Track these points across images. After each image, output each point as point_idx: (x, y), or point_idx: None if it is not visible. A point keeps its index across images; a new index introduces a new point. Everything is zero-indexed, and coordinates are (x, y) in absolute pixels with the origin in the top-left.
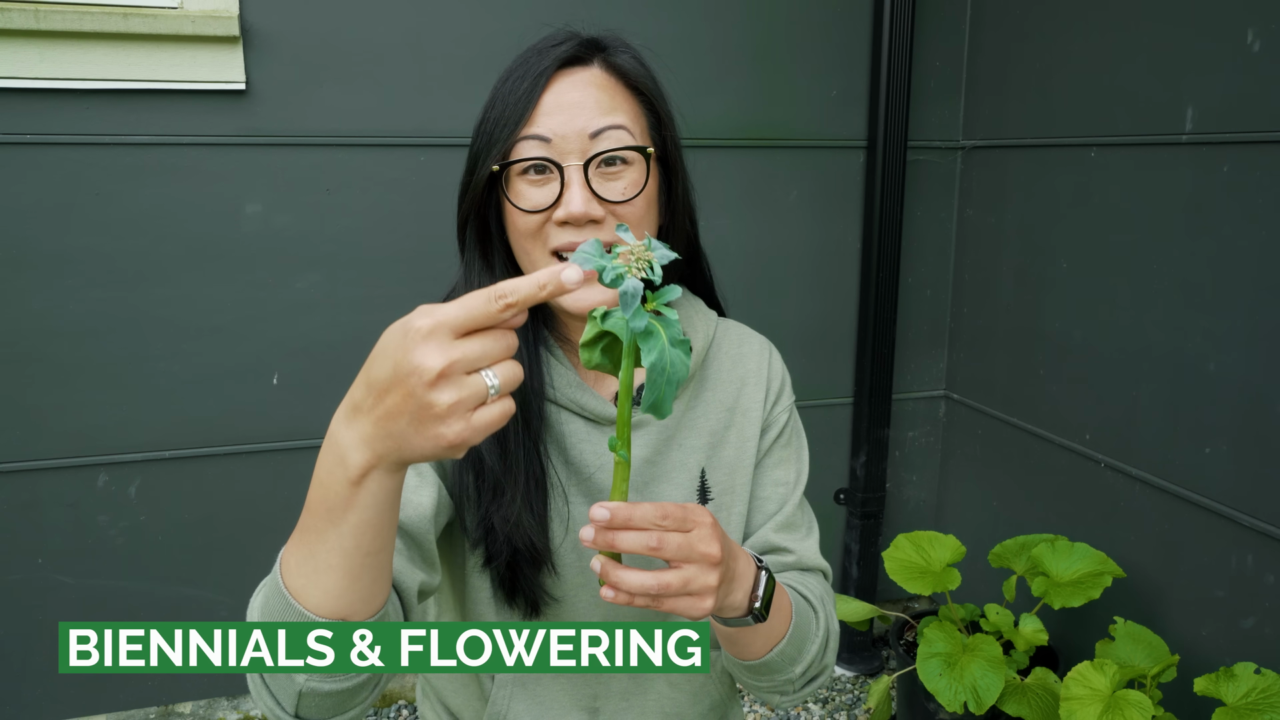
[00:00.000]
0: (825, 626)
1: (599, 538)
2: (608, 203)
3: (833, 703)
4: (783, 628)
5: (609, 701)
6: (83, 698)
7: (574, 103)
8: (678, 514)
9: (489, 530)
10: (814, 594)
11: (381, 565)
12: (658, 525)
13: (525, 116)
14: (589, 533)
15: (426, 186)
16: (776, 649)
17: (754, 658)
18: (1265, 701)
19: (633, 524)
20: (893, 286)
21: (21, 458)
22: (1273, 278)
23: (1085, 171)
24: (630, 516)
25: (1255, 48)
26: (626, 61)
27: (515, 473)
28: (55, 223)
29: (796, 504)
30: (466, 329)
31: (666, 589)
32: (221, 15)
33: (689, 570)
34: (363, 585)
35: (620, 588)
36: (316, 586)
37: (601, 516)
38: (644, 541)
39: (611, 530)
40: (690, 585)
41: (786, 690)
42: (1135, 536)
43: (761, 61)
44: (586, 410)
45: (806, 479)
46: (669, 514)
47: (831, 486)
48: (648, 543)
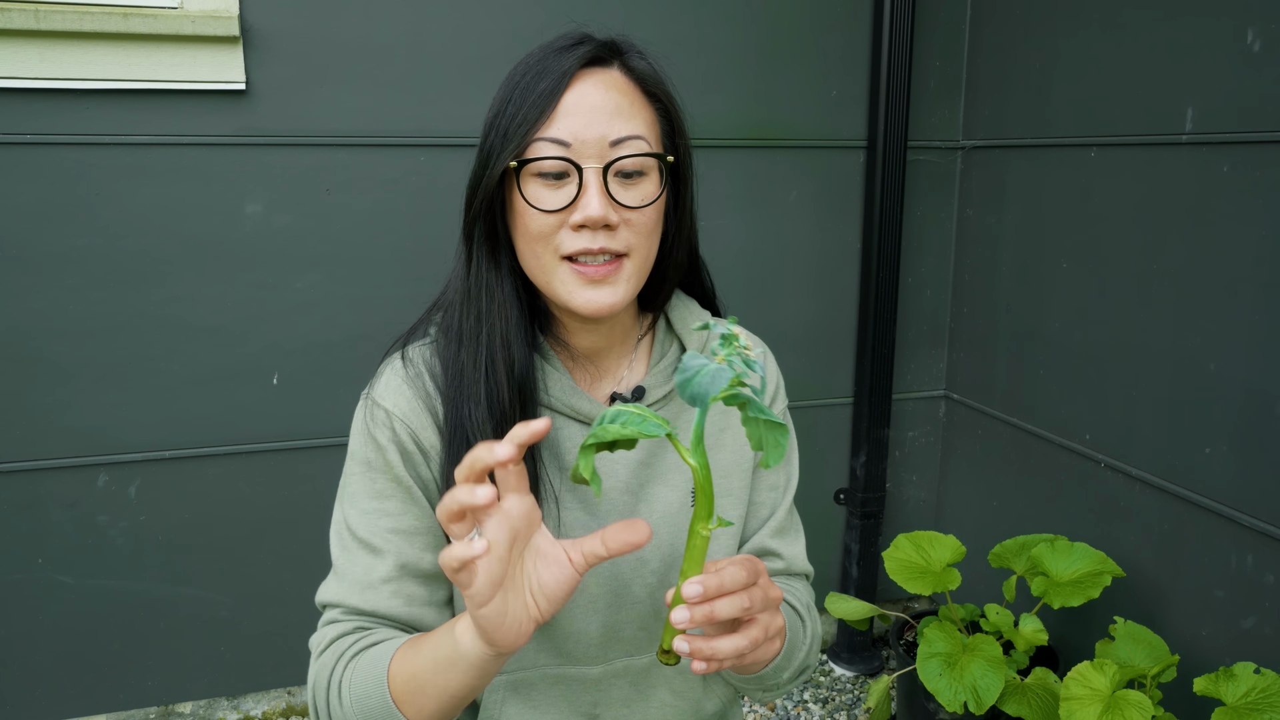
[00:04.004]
0: (811, 632)
1: (696, 614)
2: (624, 209)
3: (833, 703)
4: (777, 644)
5: (609, 709)
6: (83, 698)
7: (595, 106)
8: (750, 568)
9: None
10: (801, 602)
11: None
12: (745, 585)
13: (545, 115)
14: (682, 614)
15: (426, 186)
16: (772, 665)
17: (749, 673)
18: (1265, 701)
19: (724, 590)
20: (893, 286)
21: (21, 458)
22: (1273, 278)
23: (1085, 171)
24: (721, 584)
25: (1255, 48)
26: (644, 67)
27: None
28: (55, 223)
29: (788, 509)
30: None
31: (755, 645)
32: (221, 15)
33: (763, 618)
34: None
35: (716, 658)
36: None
37: (695, 593)
38: (739, 605)
39: (707, 603)
40: (769, 631)
41: (772, 688)
42: (1135, 536)
43: (761, 61)
44: (580, 414)
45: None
46: (750, 572)
47: (831, 486)
48: (742, 605)
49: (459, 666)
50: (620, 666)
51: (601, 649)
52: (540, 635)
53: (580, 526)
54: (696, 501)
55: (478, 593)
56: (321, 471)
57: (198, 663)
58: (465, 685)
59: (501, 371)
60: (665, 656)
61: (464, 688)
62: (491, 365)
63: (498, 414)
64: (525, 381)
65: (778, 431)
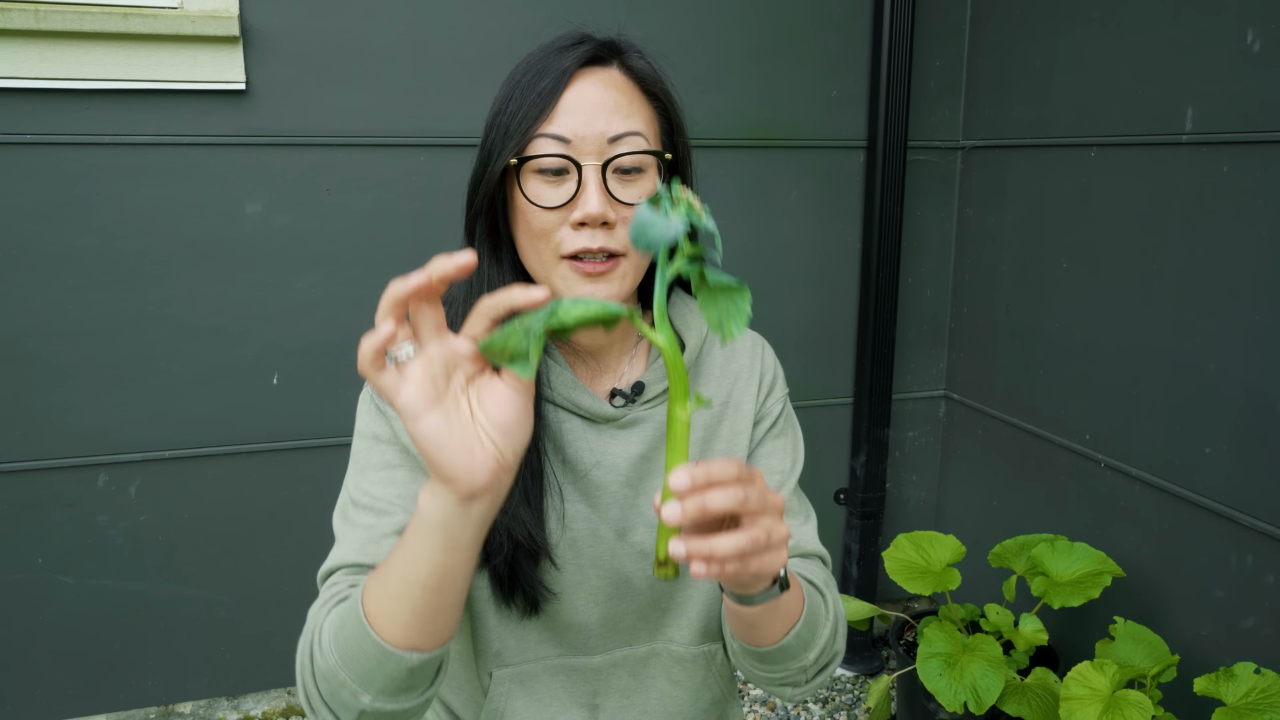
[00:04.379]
0: (834, 611)
1: (688, 505)
2: (622, 205)
3: (833, 703)
4: (798, 607)
5: (609, 699)
6: (83, 698)
7: (594, 103)
8: (744, 467)
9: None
10: (818, 578)
11: (441, 605)
12: (737, 479)
13: (545, 114)
14: (673, 509)
15: (426, 186)
16: (793, 632)
17: (771, 643)
18: (1265, 701)
19: (714, 481)
20: (893, 286)
21: (21, 458)
22: (1273, 278)
23: (1085, 171)
24: (710, 474)
25: (1255, 48)
26: (643, 66)
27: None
28: (55, 223)
29: (791, 491)
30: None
31: (756, 544)
32: (221, 15)
33: (766, 521)
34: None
35: (715, 557)
36: (386, 614)
37: (683, 483)
38: (734, 496)
39: (698, 493)
40: (772, 537)
41: (799, 681)
42: (1135, 536)
43: (761, 61)
44: (582, 409)
45: (801, 469)
46: (740, 465)
47: (831, 486)
48: (736, 497)
49: (423, 534)
50: (620, 656)
51: (601, 639)
52: (542, 627)
53: (582, 519)
54: (670, 383)
55: (408, 402)
56: (321, 471)
57: (198, 663)
58: (432, 561)
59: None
60: (662, 569)
61: (431, 564)
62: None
63: None
64: None
65: (736, 296)
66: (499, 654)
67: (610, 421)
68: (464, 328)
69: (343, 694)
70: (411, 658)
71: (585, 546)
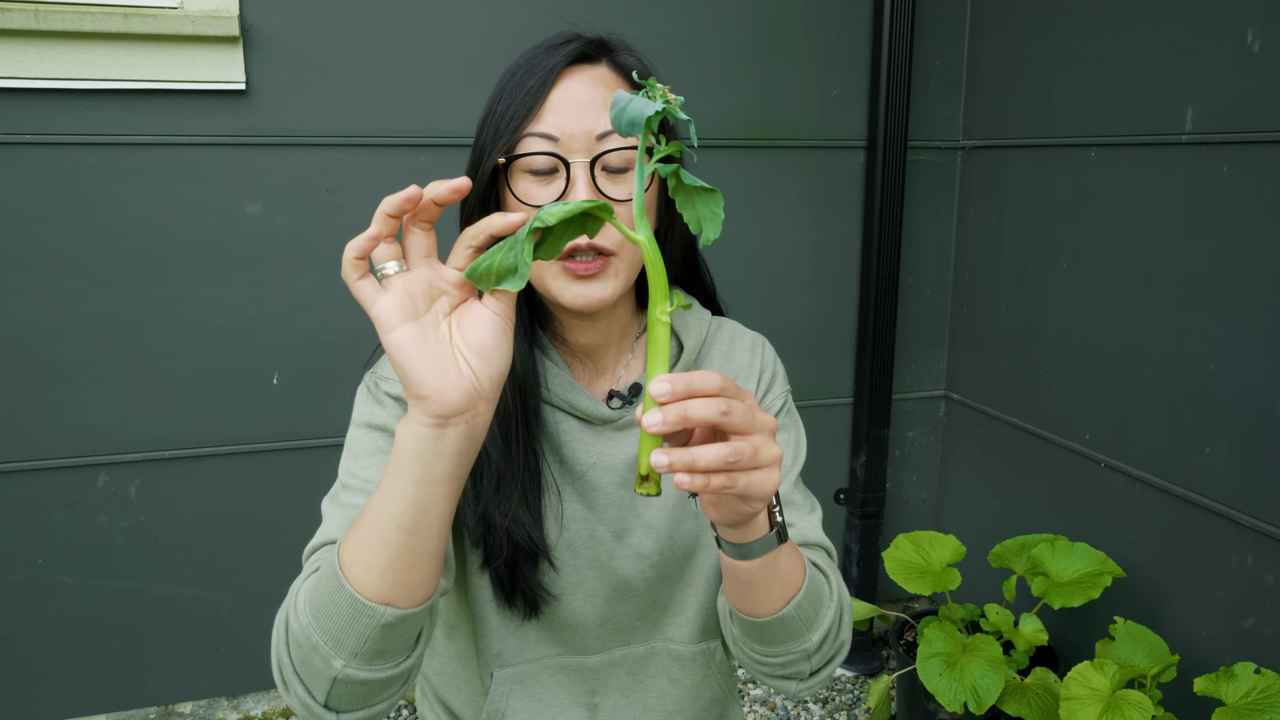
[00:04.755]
0: (839, 595)
1: (669, 412)
2: (611, 201)
3: (833, 703)
4: (799, 575)
5: (608, 698)
6: (83, 698)
7: (581, 101)
8: (730, 381)
9: (489, 527)
10: (822, 563)
11: (417, 552)
12: (720, 390)
13: (532, 112)
14: (655, 415)
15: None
16: (794, 601)
17: (771, 611)
18: (1265, 701)
19: (695, 390)
20: (893, 286)
21: (21, 458)
22: (1273, 278)
23: (1085, 171)
24: (691, 382)
25: (1255, 48)
26: (632, 63)
27: (514, 467)
28: (55, 223)
29: (793, 483)
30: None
31: (741, 456)
32: (221, 15)
33: (756, 438)
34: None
35: (697, 466)
36: (360, 560)
37: (664, 389)
38: (716, 407)
39: (679, 401)
40: (760, 455)
41: (803, 672)
42: (1135, 536)
43: (761, 61)
44: (579, 410)
45: (804, 462)
46: (725, 379)
47: (831, 486)
48: (719, 408)
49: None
50: (618, 655)
51: (600, 639)
52: (541, 627)
53: (580, 519)
54: (650, 283)
55: (382, 312)
56: (321, 471)
57: (198, 663)
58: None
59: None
60: (645, 485)
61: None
62: None
63: (501, 411)
64: (524, 378)
65: (712, 200)
66: (499, 654)
67: (607, 423)
68: (449, 260)
69: (315, 660)
70: (385, 612)
71: (583, 547)
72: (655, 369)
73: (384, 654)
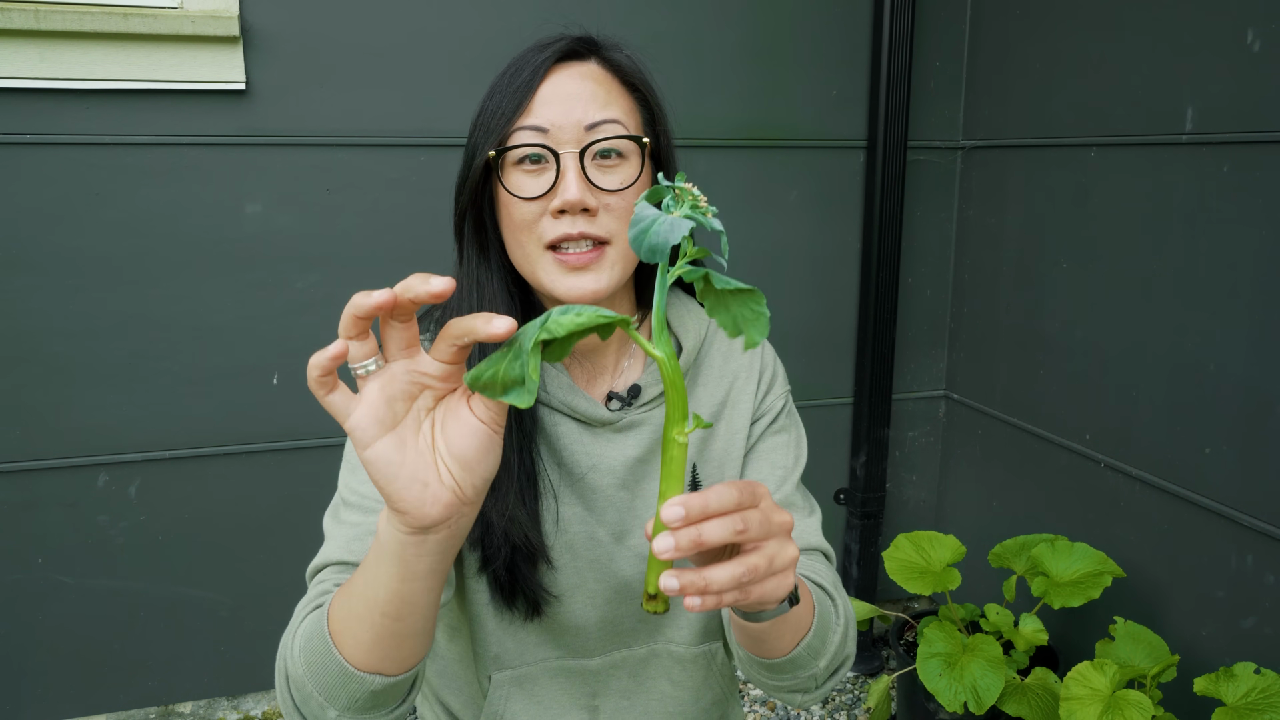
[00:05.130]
0: (845, 614)
1: (681, 539)
2: (602, 192)
3: (833, 703)
4: (808, 618)
5: (608, 700)
6: (83, 698)
7: (570, 94)
8: (747, 490)
9: (486, 528)
10: (826, 580)
11: (403, 634)
12: (737, 506)
13: (522, 107)
14: (666, 541)
15: (426, 186)
16: (803, 643)
17: (780, 655)
18: (1265, 701)
19: (710, 512)
20: (893, 286)
21: (21, 458)
22: (1273, 278)
23: (1085, 171)
24: (706, 504)
25: (1255, 48)
26: (621, 59)
27: (509, 469)
28: (55, 223)
29: (794, 486)
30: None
31: (755, 573)
32: (221, 15)
33: (770, 546)
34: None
35: (710, 590)
36: (349, 634)
37: (676, 515)
38: (731, 526)
39: (693, 525)
40: (775, 563)
41: (809, 687)
42: (1135, 536)
43: (761, 61)
44: (578, 412)
45: (805, 464)
46: (741, 490)
47: (831, 486)
48: (734, 527)
49: (380, 559)
50: (619, 658)
51: (600, 641)
52: (541, 629)
53: (578, 521)
54: (667, 402)
55: (355, 426)
56: (321, 471)
57: (198, 663)
58: (389, 588)
59: None
60: (652, 604)
61: (388, 591)
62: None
63: None
64: None
65: (751, 300)
66: (498, 657)
67: (606, 425)
68: (432, 352)
69: (310, 704)
70: (375, 681)
71: (582, 550)
72: (669, 490)
73: (376, 707)
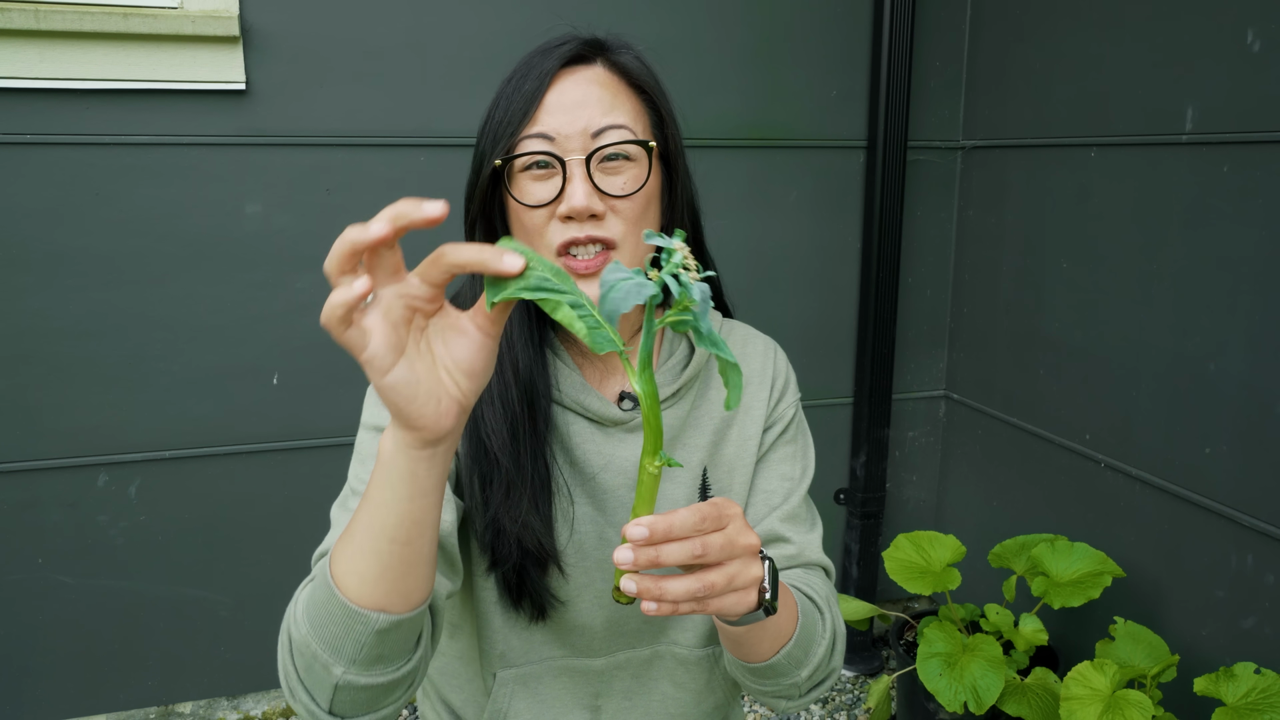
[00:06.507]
0: (832, 628)
1: (640, 556)
2: (609, 197)
3: (833, 703)
4: (790, 627)
5: (611, 700)
6: (83, 698)
7: (577, 101)
8: (712, 513)
9: (498, 532)
10: (819, 594)
11: (411, 561)
12: (697, 530)
13: (529, 115)
14: (626, 554)
15: (427, 187)
16: (783, 650)
17: (760, 660)
18: (1265, 701)
19: (673, 535)
20: (893, 286)
21: (21, 458)
22: (1273, 278)
23: (1085, 171)
24: (670, 527)
25: (1255, 48)
26: (629, 60)
27: (523, 473)
28: (55, 223)
29: (801, 498)
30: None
31: (712, 589)
32: (221, 15)
33: (732, 566)
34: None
35: (665, 599)
36: (353, 573)
37: (640, 535)
38: (689, 551)
39: (652, 546)
40: (735, 581)
41: (792, 695)
42: (1135, 536)
43: (761, 61)
44: (590, 411)
45: (812, 475)
46: (705, 515)
47: (831, 486)
48: (693, 551)
49: (387, 483)
50: (623, 658)
51: (605, 642)
52: (547, 629)
53: (590, 521)
54: (645, 434)
55: (374, 355)
56: (321, 471)
57: (198, 663)
58: (398, 510)
59: (509, 372)
60: (618, 594)
61: (397, 514)
62: (499, 366)
63: (510, 414)
64: (531, 381)
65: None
66: (503, 655)
67: (618, 425)
68: (421, 273)
69: (316, 667)
70: (379, 619)
71: (591, 550)
72: (640, 510)
73: (382, 659)
